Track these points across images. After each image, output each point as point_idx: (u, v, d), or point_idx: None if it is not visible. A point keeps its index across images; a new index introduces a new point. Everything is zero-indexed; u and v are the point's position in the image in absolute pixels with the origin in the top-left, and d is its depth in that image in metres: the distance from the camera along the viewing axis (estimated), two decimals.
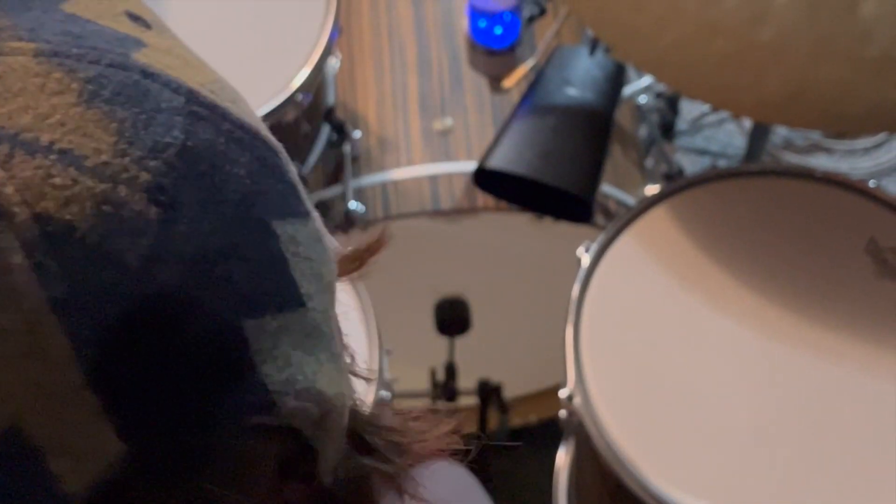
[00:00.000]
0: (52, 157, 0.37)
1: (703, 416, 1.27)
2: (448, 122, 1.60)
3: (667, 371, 1.30)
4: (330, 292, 0.46)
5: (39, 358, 0.37)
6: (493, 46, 1.62)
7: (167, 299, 0.39)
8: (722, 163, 2.20)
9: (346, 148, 1.57)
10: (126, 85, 0.39)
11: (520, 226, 1.55)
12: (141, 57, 0.41)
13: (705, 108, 2.16)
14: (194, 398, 0.40)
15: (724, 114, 2.18)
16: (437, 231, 1.58)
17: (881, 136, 2.24)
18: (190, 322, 0.39)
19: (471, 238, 1.61)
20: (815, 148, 2.23)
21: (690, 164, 2.17)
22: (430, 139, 1.59)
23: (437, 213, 1.54)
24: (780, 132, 2.22)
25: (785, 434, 1.25)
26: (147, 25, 0.44)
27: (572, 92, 1.49)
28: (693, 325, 1.32)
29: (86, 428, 0.38)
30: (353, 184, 1.55)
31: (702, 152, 2.22)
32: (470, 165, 1.50)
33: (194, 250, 0.39)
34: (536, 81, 1.53)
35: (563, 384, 1.29)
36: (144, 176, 0.38)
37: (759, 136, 1.64)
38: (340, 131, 1.58)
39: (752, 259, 1.36)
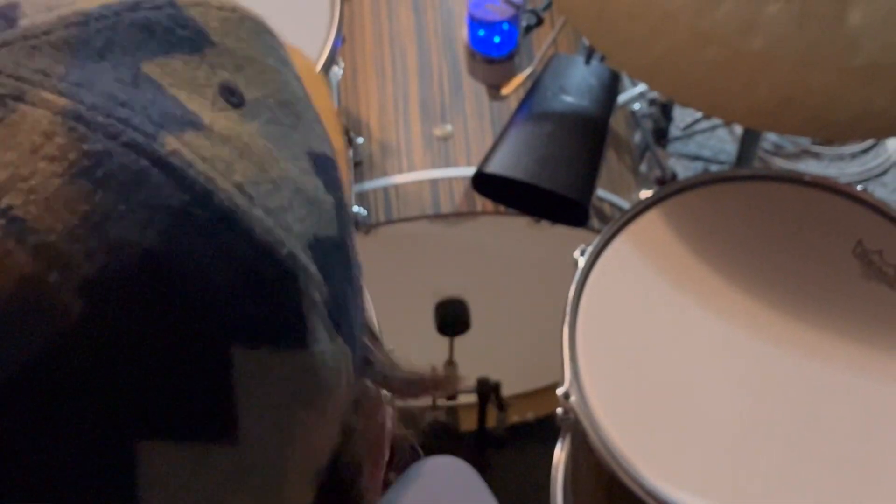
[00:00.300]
0: (1, 221, 0.34)
1: (694, 414, 1.27)
2: (448, 128, 1.60)
3: (660, 370, 1.30)
4: (300, 426, 0.40)
5: None
6: (492, 55, 1.63)
7: (49, 393, 0.35)
8: (714, 168, 2.20)
9: (349, 153, 1.57)
10: (125, 169, 0.35)
11: (518, 229, 1.56)
12: (174, 141, 0.36)
13: (697, 114, 2.17)
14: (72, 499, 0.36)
15: (715, 120, 2.18)
16: (438, 234, 1.59)
17: (868, 142, 2.25)
18: (70, 441, 0.35)
19: (470, 241, 1.61)
20: (804, 153, 2.23)
21: (683, 169, 2.17)
22: (431, 145, 1.59)
23: (438, 217, 1.54)
24: (770, 138, 2.22)
25: (774, 431, 1.26)
26: (239, 102, 0.40)
27: (568, 99, 1.50)
28: (686, 325, 1.32)
29: None
30: (355, 188, 1.55)
31: (694, 157, 2.22)
32: (469, 170, 1.51)
33: (108, 355, 0.35)
34: (534, 89, 1.53)
35: (559, 382, 1.29)
36: (86, 268, 0.34)
37: (749, 141, 1.64)
38: (345, 138, 1.58)
39: (743, 261, 1.36)
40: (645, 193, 1.41)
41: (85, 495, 0.36)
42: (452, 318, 1.67)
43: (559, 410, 1.30)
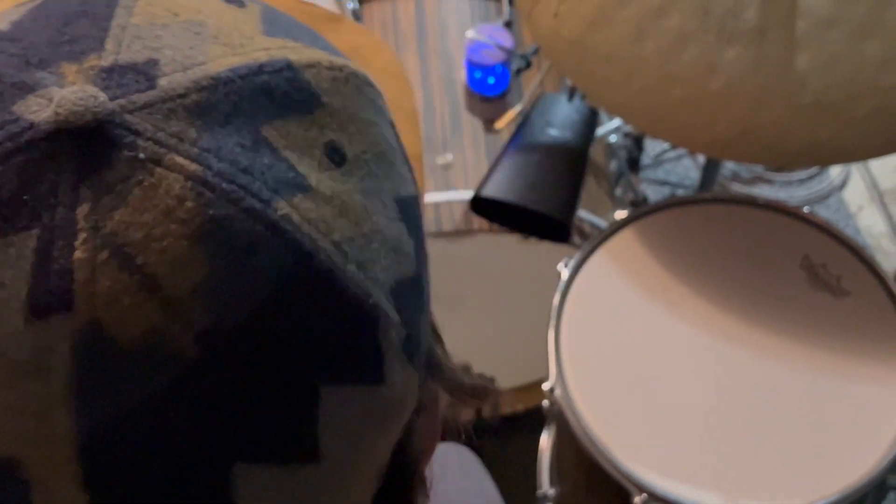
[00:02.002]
0: (136, 276, 0.33)
1: (664, 406, 1.27)
2: (449, 157, 1.60)
3: (633, 367, 1.30)
4: (372, 443, 0.40)
5: (45, 423, 0.34)
6: (487, 94, 1.63)
7: (164, 425, 0.35)
8: (680, 192, 2.20)
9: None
10: (243, 234, 0.35)
11: (509, 244, 1.55)
12: (285, 206, 0.36)
13: (665, 145, 2.17)
14: None
15: (681, 150, 2.18)
16: (440, 249, 1.59)
17: (814, 169, 2.24)
18: (178, 466, 0.35)
19: (468, 255, 1.61)
20: (758, 179, 2.23)
21: (653, 193, 2.17)
22: (434, 172, 1.59)
23: (440, 234, 1.54)
24: (729, 166, 2.22)
25: (732, 419, 1.25)
26: (341, 161, 0.39)
27: (553, 132, 1.50)
28: (656, 329, 1.32)
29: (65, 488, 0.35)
30: None
31: (663, 183, 2.22)
32: (467, 194, 1.50)
33: (216, 394, 0.35)
34: (523, 123, 1.53)
35: (545, 378, 1.29)
36: (203, 322, 0.34)
37: (710, 169, 1.64)
38: None
39: (706, 273, 1.36)
40: (620, 214, 1.41)
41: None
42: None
43: (545, 403, 1.30)
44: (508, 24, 1.68)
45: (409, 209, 0.42)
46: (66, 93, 0.34)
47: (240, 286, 0.35)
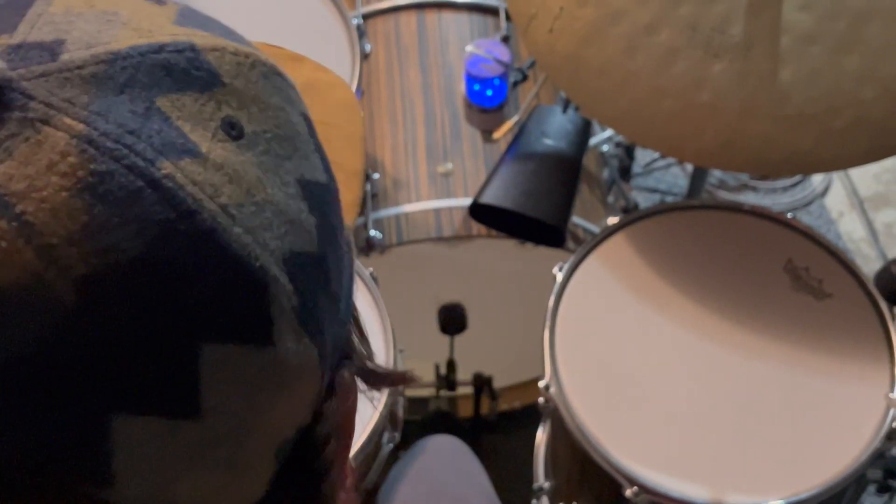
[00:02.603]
0: (14, 223, 0.34)
1: (653, 403, 1.27)
2: (449, 166, 1.60)
3: (624, 366, 1.30)
4: (261, 407, 0.40)
5: None
6: (486, 105, 1.63)
7: (40, 372, 0.35)
8: (669, 199, 2.20)
9: (367, 187, 1.57)
10: (123, 188, 0.35)
11: (506, 249, 1.55)
12: (170, 167, 0.37)
13: (655, 154, 2.17)
14: (51, 481, 0.37)
15: (670, 159, 2.18)
16: (440, 253, 1.59)
17: (797, 177, 2.25)
18: (55, 414, 0.35)
19: (467, 258, 1.61)
20: (743, 187, 2.23)
21: (644, 200, 2.17)
22: (435, 180, 1.59)
23: (441, 239, 1.54)
24: (716, 174, 2.22)
25: (718, 416, 1.25)
26: (238, 135, 0.40)
27: (549, 142, 1.50)
28: (646, 329, 1.32)
29: None
30: (372, 216, 1.55)
31: (653, 190, 2.22)
32: (467, 201, 1.51)
33: (93, 342, 0.35)
34: (520, 133, 1.53)
35: (541, 376, 1.29)
36: (80, 268, 0.35)
37: (698, 177, 1.64)
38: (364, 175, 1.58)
39: (694, 276, 1.36)
40: (612, 220, 1.41)
41: (65, 462, 0.36)
42: (453, 321, 1.67)
43: (541, 399, 1.30)
44: (506, 39, 1.68)
45: (314, 192, 0.42)
46: None
47: (118, 236, 0.35)
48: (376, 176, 1.59)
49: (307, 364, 0.41)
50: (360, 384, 0.47)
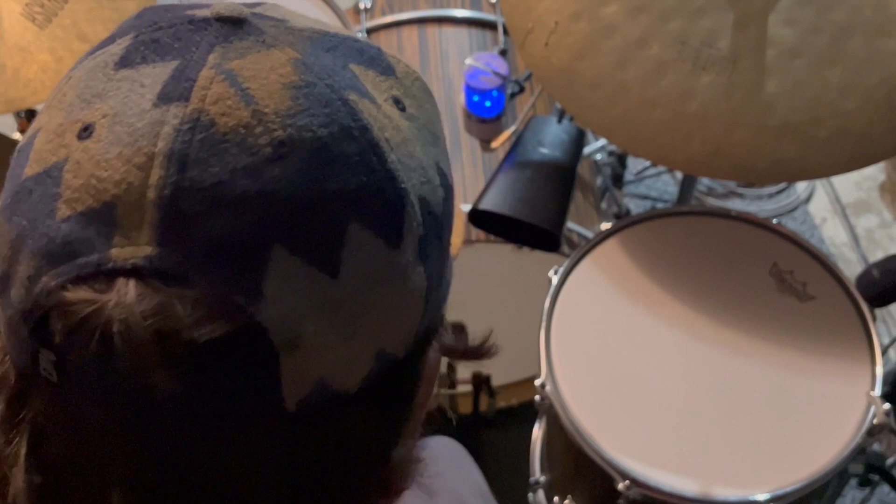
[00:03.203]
0: (239, 92, 0.43)
1: (645, 400, 1.27)
2: None
3: (617, 365, 1.30)
4: (380, 297, 0.45)
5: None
6: (484, 116, 1.63)
7: (230, 197, 0.41)
8: (660, 205, 2.21)
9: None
10: (321, 95, 0.44)
11: (504, 253, 1.56)
12: (354, 97, 0.46)
13: (646, 163, 2.17)
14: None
15: (661, 168, 2.18)
16: None
17: (782, 185, 2.25)
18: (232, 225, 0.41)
19: (467, 262, 1.61)
20: (731, 194, 2.23)
21: (635, 206, 2.17)
22: None
23: None
24: (704, 181, 2.22)
25: (706, 412, 1.25)
26: (402, 109, 0.49)
27: (544, 151, 1.50)
28: (637, 329, 1.32)
29: None
30: None
31: (644, 197, 2.23)
32: (466, 207, 1.51)
33: (283, 186, 0.42)
34: (517, 143, 1.53)
35: (537, 375, 1.29)
36: (279, 132, 0.42)
37: (687, 184, 1.64)
38: None
39: (684, 279, 1.36)
40: (605, 225, 1.41)
41: (226, 273, 0.41)
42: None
43: (537, 397, 1.30)
44: (503, 53, 1.69)
45: (445, 178, 0.49)
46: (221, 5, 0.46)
47: (311, 122, 0.43)
48: None
49: (417, 289, 0.46)
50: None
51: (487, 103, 1.61)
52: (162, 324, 0.40)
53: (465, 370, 1.75)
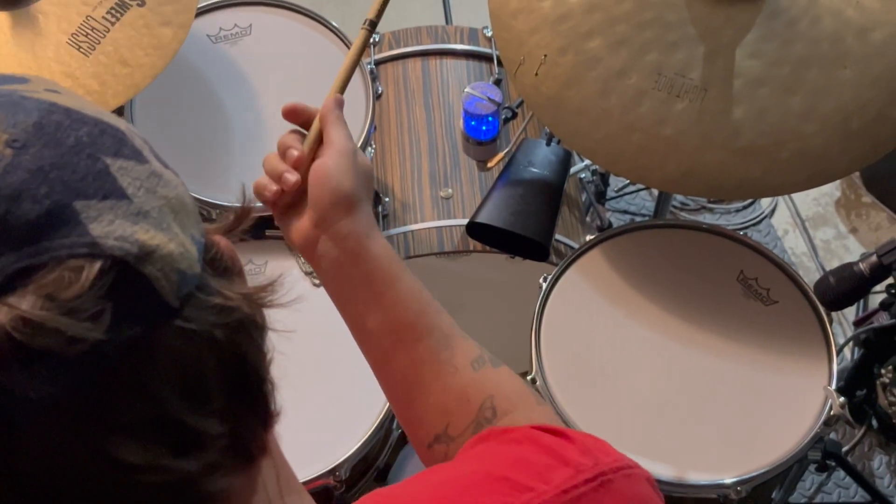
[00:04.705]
0: None
1: (623, 394, 1.27)
2: (449, 190, 1.60)
3: (599, 362, 1.30)
4: (167, 206, 0.46)
5: None
6: (481, 139, 1.63)
7: (16, 192, 0.41)
8: (638, 219, 2.21)
9: (379, 209, 1.57)
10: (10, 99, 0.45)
11: (498, 262, 1.55)
12: (25, 88, 0.45)
13: (626, 181, 2.17)
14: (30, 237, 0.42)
15: (639, 185, 2.18)
16: (442, 266, 1.59)
17: (748, 200, 2.25)
18: (30, 201, 0.41)
19: (465, 271, 1.61)
20: (702, 208, 2.23)
21: (616, 220, 2.17)
22: (437, 203, 1.60)
23: (442, 254, 1.54)
24: (678, 198, 2.22)
25: (680, 406, 1.25)
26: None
27: (535, 170, 1.50)
28: (618, 330, 1.32)
29: None
30: (383, 234, 1.55)
31: (624, 212, 2.22)
32: (464, 221, 1.51)
33: (35, 167, 0.42)
34: (510, 163, 1.53)
35: (528, 371, 1.29)
36: (4, 136, 0.42)
37: (663, 200, 1.64)
38: (376, 198, 1.58)
39: (659, 285, 1.36)
40: (589, 237, 1.41)
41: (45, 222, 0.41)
42: None
43: None
44: (498, 82, 1.69)
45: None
46: None
47: (18, 115, 0.44)
48: (387, 199, 1.59)
49: (183, 182, 0.48)
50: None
51: (484, 127, 1.61)
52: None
53: None
